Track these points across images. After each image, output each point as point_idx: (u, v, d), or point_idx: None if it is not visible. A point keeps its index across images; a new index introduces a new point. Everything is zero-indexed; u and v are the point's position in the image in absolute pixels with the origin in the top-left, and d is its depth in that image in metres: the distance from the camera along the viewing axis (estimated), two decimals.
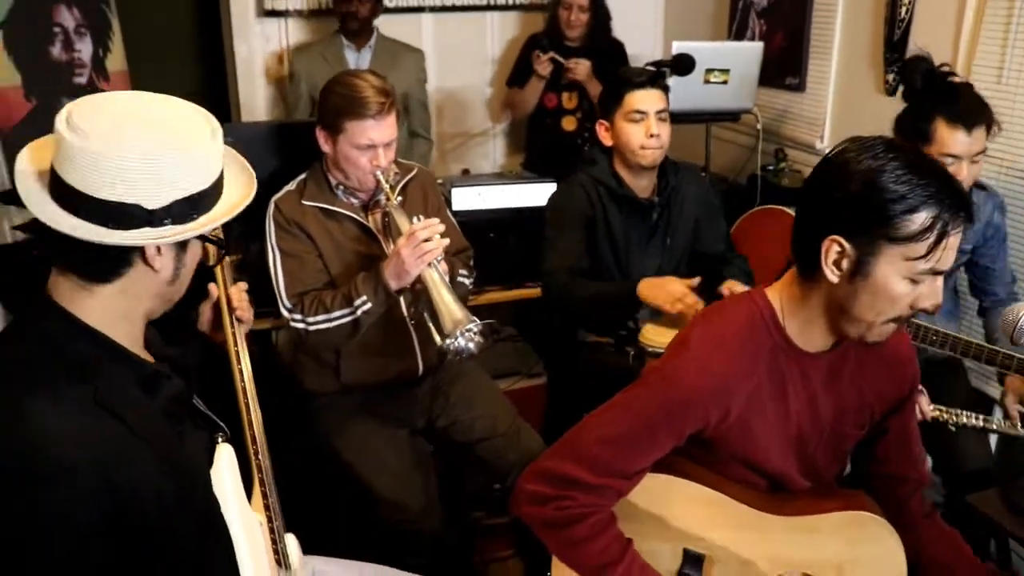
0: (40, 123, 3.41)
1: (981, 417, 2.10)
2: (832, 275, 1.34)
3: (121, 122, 1.18)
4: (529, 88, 4.01)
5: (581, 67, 3.87)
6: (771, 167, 3.65)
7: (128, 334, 1.29)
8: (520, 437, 2.40)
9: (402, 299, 2.31)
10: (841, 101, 3.54)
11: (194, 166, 1.22)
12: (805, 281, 1.42)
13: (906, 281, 1.31)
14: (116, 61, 3.78)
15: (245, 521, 1.48)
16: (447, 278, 2.13)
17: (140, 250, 1.23)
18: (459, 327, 2.01)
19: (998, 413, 2.67)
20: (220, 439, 1.48)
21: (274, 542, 1.60)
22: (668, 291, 2.31)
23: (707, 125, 3.65)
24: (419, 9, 4.37)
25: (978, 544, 2.37)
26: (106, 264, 1.23)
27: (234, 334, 1.71)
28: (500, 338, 2.09)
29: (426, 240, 2.08)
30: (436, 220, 2.16)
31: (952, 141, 2.14)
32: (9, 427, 1.13)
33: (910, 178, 1.27)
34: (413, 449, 2.37)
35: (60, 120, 1.17)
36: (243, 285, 1.76)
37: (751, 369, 1.44)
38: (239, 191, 1.33)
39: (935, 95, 2.18)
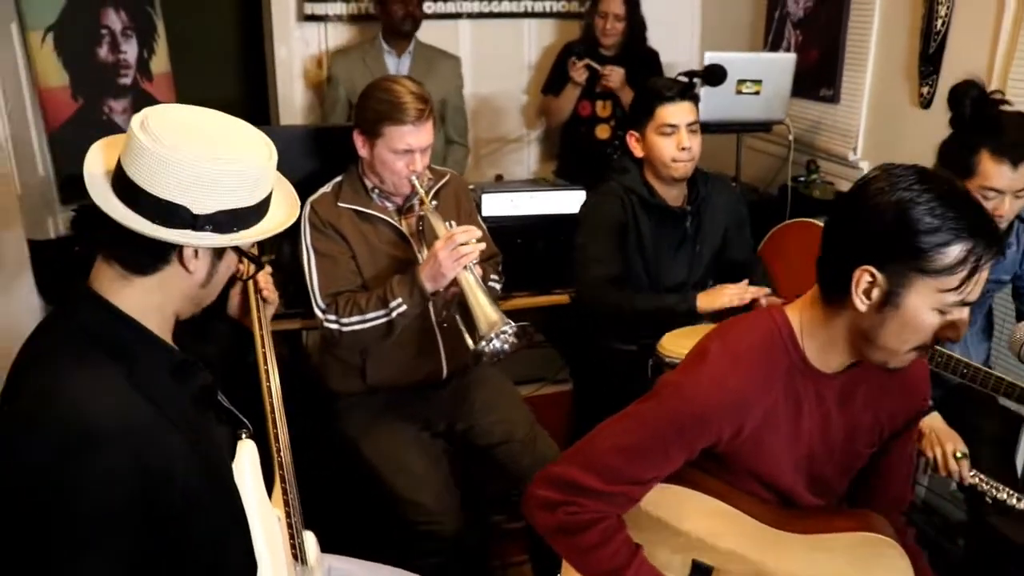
0: (86, 122, 3.53)
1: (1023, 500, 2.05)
2: (861, 304, 1.34)
3: (190, 132, 1.29)
4: (564, 95, 4.04)
5: (615, 74, 3.89)
6: (802, 178, 3.64)
7: (159, 326, 1.38)
8: (536, 444, 2.42)
9: (431, 303, 2.34)
10: (875, 113, 3.52)
11: (245, 184, 1.33)
12: (829, 305, 1.42)
13: (935, 312, 1.31)
14: (160, 63, 3.87)
15: (263, 515, 1.53)
16: (482, 281, 2.17)
17: (178, 250, 1.32)
18: (494, 328, 2.05)
19: None
20: (243, 435, 1.54)
21: (292, 537, 1.64)
22: (728, 293, 2.44)
23: (738, 135, 3.65)
24: (456, 15, 4.43)
25: (998, 568, 2.36)
26: (146, 257, 1.33)
27: (260, 317, 1.80)
28: (533, 342, 2.12)
29: (463, 244, 2.13)
30: (473, 227, 2.21)
31: (996, 175, 2.09)
32: (50, 399, 1.21)
33: (944, 211, 1.27)
34: (435, 451, 2.41)
35: (136, 121, 1.28)
36: (267, 268, 1.84)
37: (767, 387, 1.44)
38: (281, 215, 1.43)
39: (983, 124, 2.11)
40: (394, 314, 2.22)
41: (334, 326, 2.28)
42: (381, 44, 3.93)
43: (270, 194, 1.41)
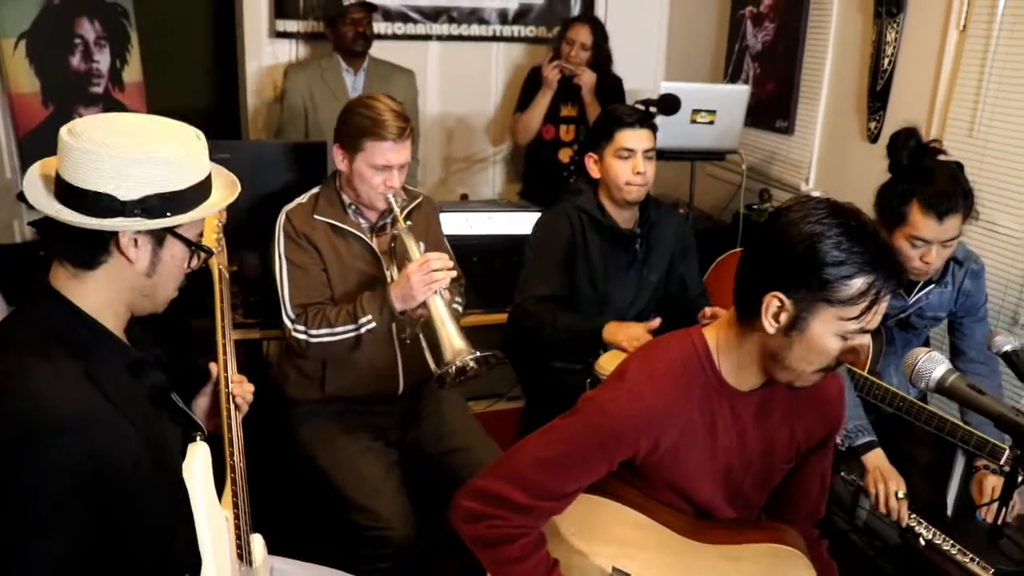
0: (56, 129, 3.55)
1: (957, 547, 2.06)
2: (770, 327, 1.43)
3: (113, 128, 1.36)
4: (536, 103, 4.08)
5: (587, 76, 3.98)
6: (755, 207, 3.75)
7: (114, 324, 1.44)
8: (487, 454, 2.45)
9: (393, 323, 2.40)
10: (827, 146, 3.65)
11: (171, 168, 1.37)
12: (742, 327, 1.50)
13: (838, 338, 1.41)
14: (132, 72, 3.92)
15: (211, 514, 1.57)
16: (450, 307, 2.24)
17: (115, 240, 1.38)
18: (459, 356, 2.12)
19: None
20: (197, 437, 1.58)
21: (238, 537, 1.69)
22: (628, 333, 2.49)
23: (692, 163, 3.75)
24: (427, 37, 4.51)
25: None
26: (88, 250, 1.38)
27: (230, 424, 1.74)
28: (493, 365, 2.19)
29: (436, 269, 2.21)
30: (445, 255, 2.30)
31: (924, 226, 2.18)
32: (11, 389, 1.28)
33: (849, 245, 1.35)
34: (388, 460, 2.45)
35: (64, 129, 1.36)
36: (249, 386, 1.80)
37: (682, 403, 1.52)
38: (218, 200, 1.48)
39: (917, 175, 2.20)
40: (363, 330, 2.30)
41: (302, 336, 2.34)
42: (338, 61, 3.97)
43: (206, 181, 1.45)
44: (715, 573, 1.59)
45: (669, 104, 3.26)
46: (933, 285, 2.43)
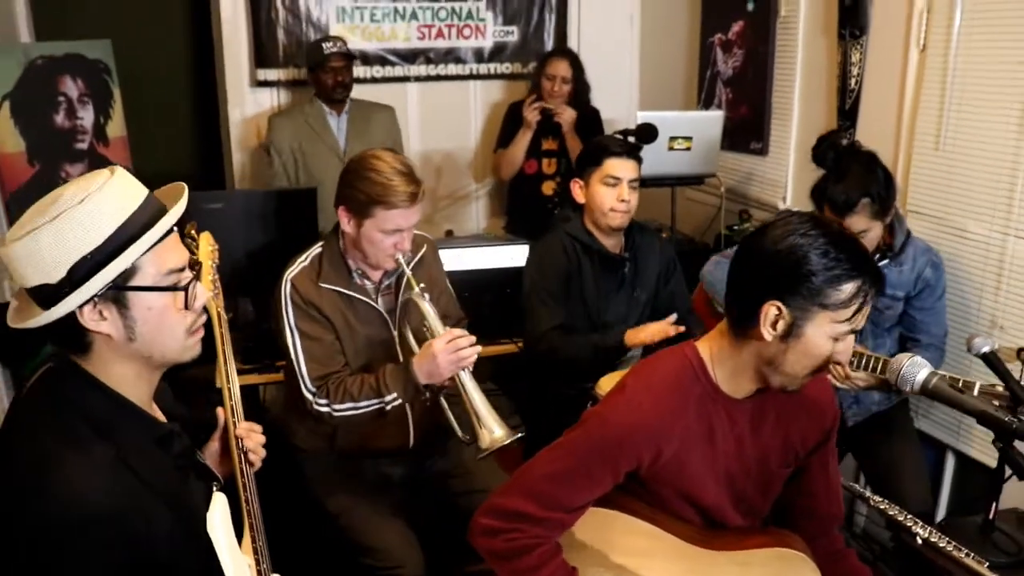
0: (42, 187, 3.60)
1: (952, 543, 1.99)
2: (768, 335, 1.51)
3: (21, 224, 1.27)
4: (516, 142, 4.16)
5: (567, 113, 4.08)
6: (735, 227, 3.84)
7: (137, 394, 1.41)
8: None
9: None
10: (801, 164, 3.73)
11: (73, 229, 1.25)
12: (737, 336, 1.58)
13: (830, 340, 1.50)
14: (116, 127, 3.98)
15: (236, 563, 1.60)
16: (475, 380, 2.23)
17: (75, 322, 1.29)
18: (496, 445, 2.13)
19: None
20: (216, 487, 1.61)
21: None
22: (649, 331, 2.65)
23: (672, 189, 3.85)
24: (405, 79, 4.60)
25: None
26: (67, 340, 1.33)
27: (243, 469, 1.68)
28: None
29: (462, 348, 2.19)
30: (467, 332, 2.25)
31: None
32: (42, 477, 1.26)
33: (836, 254, 1.46)
34: (394, 499, 2.47)
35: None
36: (259, 434, 1.74)
37: (680, 411, 1.59)
38: (147, 235, 1.32)
39: (833, 176, 2.48)
40: (388, 407, 2.28)
41: (325, 409, 2.31)
42: (321, 106, 4.00)
43: (135, 217, 1.31)
44: None
45: (647, 133, 3.36)
46: (888, 261, 2.61)
